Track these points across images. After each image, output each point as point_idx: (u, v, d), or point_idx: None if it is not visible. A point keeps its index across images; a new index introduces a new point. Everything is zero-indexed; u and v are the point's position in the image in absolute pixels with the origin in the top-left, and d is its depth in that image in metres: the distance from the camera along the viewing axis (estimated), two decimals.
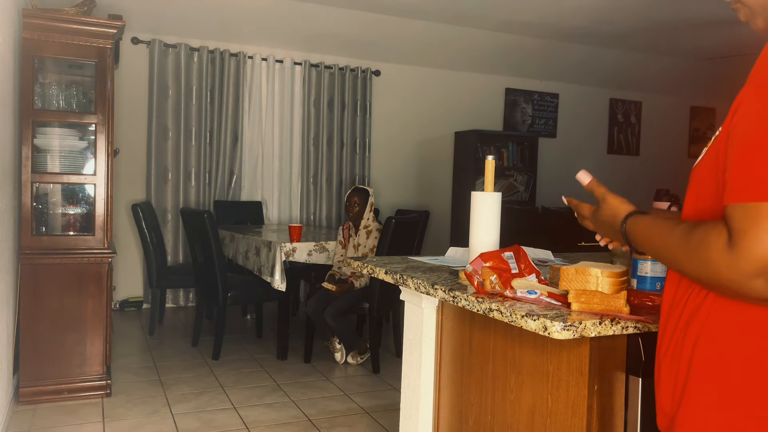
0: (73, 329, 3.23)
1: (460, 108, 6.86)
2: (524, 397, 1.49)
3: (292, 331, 4.43)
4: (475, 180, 6.55)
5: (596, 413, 1.33)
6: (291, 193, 6.06)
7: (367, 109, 6.31)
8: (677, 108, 8.25)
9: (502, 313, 1.34)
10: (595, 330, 1.23)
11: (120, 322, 4.95)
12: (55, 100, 3.40)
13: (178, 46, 5.52)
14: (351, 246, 4.01)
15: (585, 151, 7.62)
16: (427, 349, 1.87)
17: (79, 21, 3.21)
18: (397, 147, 6.61)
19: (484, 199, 1.68)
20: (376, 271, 1.91)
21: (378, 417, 3.16)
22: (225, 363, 3.96)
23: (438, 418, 1.87)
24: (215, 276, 3.95)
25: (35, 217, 3.26)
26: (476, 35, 6.22)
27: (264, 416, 3.12)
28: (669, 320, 0.99)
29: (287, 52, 6.02)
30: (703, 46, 6.61)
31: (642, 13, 5.56)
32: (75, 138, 3.40)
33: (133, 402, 3.25)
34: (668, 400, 0.95)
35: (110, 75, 3.32)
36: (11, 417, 2.99)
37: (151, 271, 4.61)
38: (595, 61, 7.04)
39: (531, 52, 6.68)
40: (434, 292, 1.60)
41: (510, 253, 1.51)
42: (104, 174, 3.31)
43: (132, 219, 5.05)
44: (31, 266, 3.15)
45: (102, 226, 3.30)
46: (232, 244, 4.66)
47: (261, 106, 5.91)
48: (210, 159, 5.69)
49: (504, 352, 1.56)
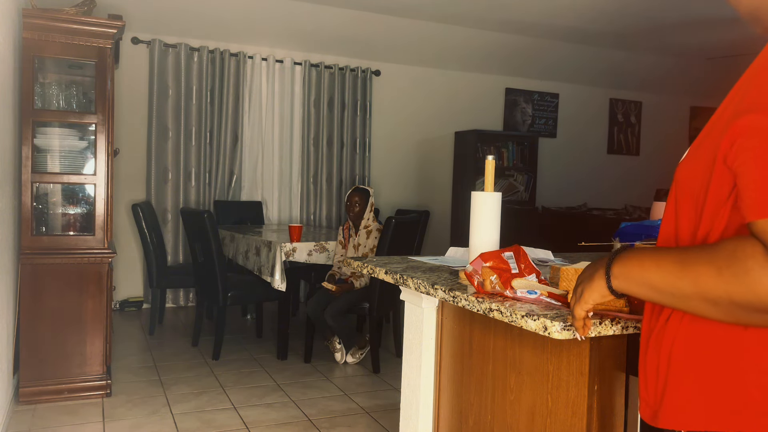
0: (73, 329, 3.23)
1: (460, 108, 6.86)
2: (524, 397, 1.49)
3: (292, 331, 4.43)
4: (475, 180, 6.55)
5: (596, 413, 1.33)
6: (291, 193, 6.06)
7: (367, 109, 6.31)
8: (677, 108, 8.25)
9: (502, 313, 1.34)
10: (595, 330, 1.23)
11: (120, 322, 4.95)
12: (55, 100, 3.40)
13: (178, 46, 5.52)
14: (351, 246, 4.01)
15: (585, 151, 7.62)
16: (427, 349, 1.87)
17: (79, 21, 3.21)
18: (397, 147, 6.61)
19: (484, 199, 1.68)
20: (376, 271, 1.91)
21: (378, 417, 3.16)
22: (225, 363, 3.96)
23: (438, 418, 1.87)
24: (215, 276, 3.95)
25: (35, 217, 3.26)
26: (476, 35, 6.22)
27: (264, 416, 3.12)
28: (651, 317, 1.01)
29: (287, 52, 6.02)
30: (703, 46, 6.61)
31: (642, 12, 5.56)
32: (75, 138, 3.40)
33: (133, 402, 3.25)
34: (651, 392, 0.98)
35: (110, 75, 3.32)
36: (11, 417, 2.99)
37: (151, 271, 4.61)
38: (595, 61, 7.04)
39: (531, 52, 6.68)
40: (434, 292, 1.60)
41: (510, 253, 1.51)
42: (104, 174, 3.31)
43: (132, 219, 5.05)
44: (31, 266, 3.15)
45: (102, 226, 3.30)
46: (232, 244, 4.66)
47: (261, 106, 5.91)
48: (210, 159, 5.69)
49: (504, 352, 1.56)
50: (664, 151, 8.10)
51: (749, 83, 0.87)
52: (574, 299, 1.09)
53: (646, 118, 8.05)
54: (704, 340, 0.90)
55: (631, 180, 7.83)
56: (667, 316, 0.96)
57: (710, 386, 0.89)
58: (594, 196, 7.52)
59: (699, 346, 0.91)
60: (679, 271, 0.87)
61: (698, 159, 0.92)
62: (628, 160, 7.95)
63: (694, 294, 0.85)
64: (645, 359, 1.00)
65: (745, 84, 0.88)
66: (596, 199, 7.50)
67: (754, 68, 0.88)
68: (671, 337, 0.94)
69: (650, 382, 0.98)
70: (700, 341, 0.91)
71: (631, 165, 7.94)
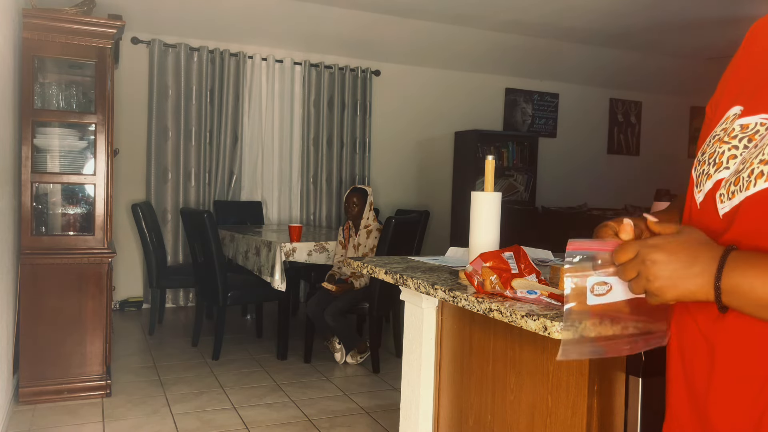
0: (73, 329, 3.22)
1: (460, 108, 6.86)
2: (524, 397, 1.49)
3: (292, 331, 4.43)
4: (475, 180, 6.54)
5: (596, 413, 1.33)
6: (291, 193, 6.06)
7: (367, 109, 6.31)
8: (677, 108, 8.25)
9: (502, 313, 1.34)
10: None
11: (120, 322, 4.95)
12: (55, 100, 3.40)
13: (178, 46, 5.52)
14: (351, 246, 4.01)
15: (585, 151, 7.62)
16: (427, 349, 1.87)
17: (79, 21, 3.21)
18: (397, 147, 6.61)
19: (484, 199, 1.68)
20: (376, 271, 1.91)
21: (378, 417, 3.16)
22: (225, 363, 3.96)
23: (438, 418, 1.87)
24: (215, 276, 3.95)
25: (35, 217, 3.26)
26: (476, 35, 6.22)
27: (264, 416, 3.12)
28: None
29: (287, 52, 6.02)
30: (704, 46, 6.61)
31: (642, 13, 5.56)
32: (75, 138, 3.40)
33: (133, 402, 3.25)
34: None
35: (110, 75, 3.32)
36: (11, 417, 2.99)
37: (151, 271, 4.61)
38: (595, 61, 7.04)
39: (531, 52, 6.68)
40: (434, 292, 1.60)
41: (510, 253, 1.51)
42: (104, 174, 3.31)
43: (132, 219, 5.05)
44: (31, 266, 3.14)
45: (102, 226, 3.30)
46: (232, 244, 4.66)
47: (261, 106, 5.91)
48: (210, 159, 5.69)
49: (504, 352, 1.56)
50: (664, 151, 8.10)
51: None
52: (639, 280, 0.81)
53: (646, 118, 8.05)
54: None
55: (631, 180, 7.83)
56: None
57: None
58: (594, 196, 7.52)
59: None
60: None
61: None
62: (628, 160, 7.94)
63: None
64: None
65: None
66: (596, 199, 7.49)
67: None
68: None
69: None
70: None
71: (631, 165, 7.94)
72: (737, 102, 0.88)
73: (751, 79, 0.89)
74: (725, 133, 0.87)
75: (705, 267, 0.75)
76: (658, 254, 0.78)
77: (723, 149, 0.86)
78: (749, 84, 0.89)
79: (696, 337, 0.87)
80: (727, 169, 0.84)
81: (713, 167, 0.86)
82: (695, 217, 0.89)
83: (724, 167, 0.84)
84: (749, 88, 0.88)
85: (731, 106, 0.89)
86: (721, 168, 0.85)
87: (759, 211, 0.77)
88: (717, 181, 0.85)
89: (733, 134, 0.86)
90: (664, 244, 0.78)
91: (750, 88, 0.88)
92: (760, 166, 0.78)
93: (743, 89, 0.89)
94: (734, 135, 0.86)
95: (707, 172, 0.88)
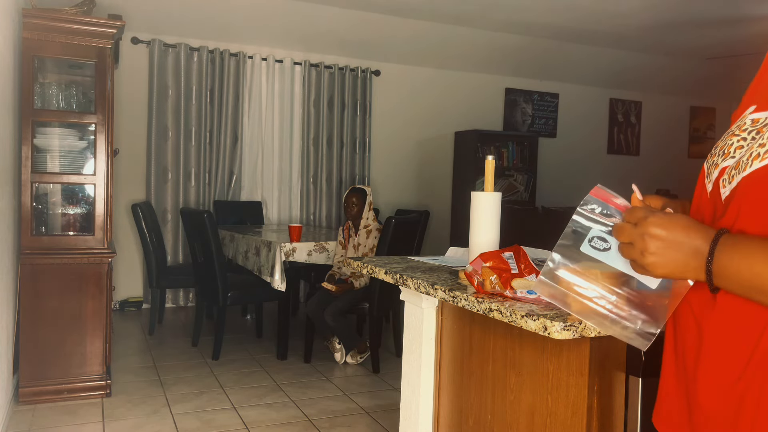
0: (73, 329, 3.22)
1: (460, 108, 6.86)
2: (524, 397, 1.49)
3: (292, 331, 4.43)
4: (475, 180, 6.54)
5: (596, 413, 1.33)
6: (291, 193, 6.06)
7: (366, 109, 6.31)
8: (677, 108, 8.25)
9: (502, 313, 1.34)
10: (595, 330, 1.23)
11: (120, 322, 4.95)
12: (55, 100, 3.39)
13: (178, 46, 5.52)
14: (351, 246, 4.01)
15: (585, 151, 7.62)
16: (427, 349, 1.87)
17: (79, 21, 3.21)
18: (397, 147, 6.61)
19: (484, 199, 1.68)
20: (376, 271, 1.91)
21: (378, 417, 3.16)
22: (225, 363, 3.96)
23: (438, 418, 1.87)
24: (215, 276, 3.95)
25: (35, 217, 3.26)
26: (476, 35, 6.22)
27: (264, 416, 3.12)
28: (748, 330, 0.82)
29: (287, 52, 6.02)
30: (703, 46, 6.61)
31: (642, 12, 5.56)
32: (75, 138, 3.40)
33: (133, 402, 3.25)
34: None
35: (110, 75, 3.32)
36: (11, 417, 2.99)
37: (151, 271, 4.60)
38: (595, 61, 7.04)
39: (531, 52, 6.68)
40: (434, 292, 1.60)
41: (510, 253, 1.51)
42: (104, 174, 3.31)
43: (132, 219, 5.05)
44: (30, 266, 3.14)
45: (102, 226, 3.30)
46: (232, 244, 4.66)
47: (261, 106, 5.91)
48: (210, 159, 5.69)
49: (504, 352, 1.56)
50: (664, 151, 8.11)
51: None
52: (632, 249, 0.83)
53: (646, 118, 8.05)
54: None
55: (631, 180, 7.80)
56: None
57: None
58: None
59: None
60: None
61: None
62: (628, 160, 7.94)
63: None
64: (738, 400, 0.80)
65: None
66: None
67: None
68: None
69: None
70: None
71: (631, 165, 7.94)
72: (752, 102, 0.92)
73: (766, 80, 0.92)
74: (737, 128, 0.90)
75: (697, 249, 0.79)
76: (659, 230, 0.81)
77: (732, 141, 0.89)
78: (763, 84, 0.92)
79: (688, 318, 0.89)
80: (733, 158, 0.86)
81: (721, 157, 0.89)
82: (703, 206, 0.91)
83: (731, 156, 0.87)
84: (763, 88, 0.91)
85: (748, 108, 0.93)
86: (728, 157, 0.87)
87: (755, 189, 0.79)
88: (722, 168, 0.87)
89: (744, 128, 0.89)
90: (665, 223, 0.81)
91: (764, 88, 0.91)
92: (758, 149, 0.82)
93: (758, 90, 0.93)
94: (745, 128, 0.88)
95: (716, 162, 0.90)
